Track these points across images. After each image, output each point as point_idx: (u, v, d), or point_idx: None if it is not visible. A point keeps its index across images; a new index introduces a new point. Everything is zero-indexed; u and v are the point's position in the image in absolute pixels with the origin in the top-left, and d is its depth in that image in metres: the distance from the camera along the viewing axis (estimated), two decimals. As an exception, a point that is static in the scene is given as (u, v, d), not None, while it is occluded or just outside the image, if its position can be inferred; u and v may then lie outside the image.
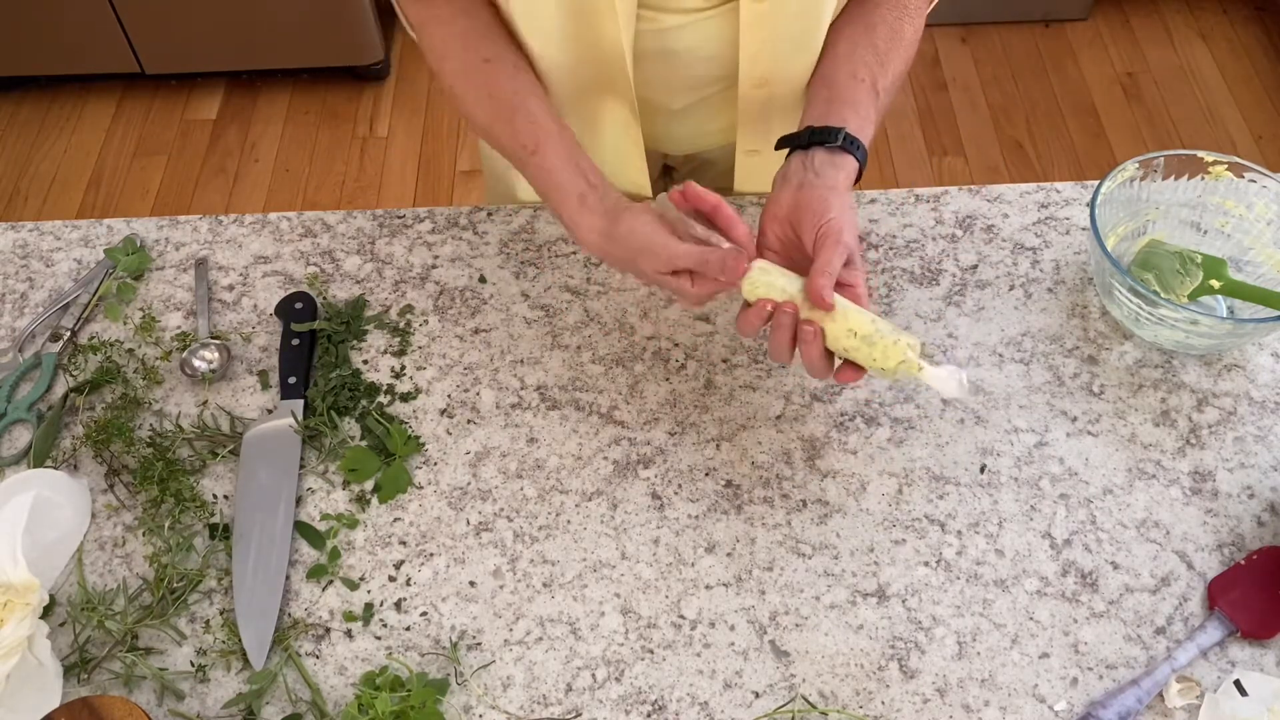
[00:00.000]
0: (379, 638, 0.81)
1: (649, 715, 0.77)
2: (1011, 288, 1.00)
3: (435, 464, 0.90)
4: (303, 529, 0.86)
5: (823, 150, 0.84)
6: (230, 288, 1.02)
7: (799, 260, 0.82)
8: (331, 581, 0.84)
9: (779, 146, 0.87)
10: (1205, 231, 0.99)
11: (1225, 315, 0.96)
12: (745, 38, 0.91)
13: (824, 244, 0.78)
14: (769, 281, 0.79)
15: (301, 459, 0.90)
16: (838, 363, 0.80)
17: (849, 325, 0.77)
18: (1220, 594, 0.81)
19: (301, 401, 0.92)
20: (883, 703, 0.78)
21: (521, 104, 0.88)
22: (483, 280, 1.01)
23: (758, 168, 1.06)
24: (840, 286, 0.79)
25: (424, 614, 0.82)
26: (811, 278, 0.77)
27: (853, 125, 0.85)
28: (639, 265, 0.81)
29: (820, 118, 0.86)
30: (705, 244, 0.80)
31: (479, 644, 0.81)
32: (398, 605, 0.83)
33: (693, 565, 0.84)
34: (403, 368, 0.96)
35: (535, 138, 0.87)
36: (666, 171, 1.22)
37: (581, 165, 0.86)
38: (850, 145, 0.84)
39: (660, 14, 0.91)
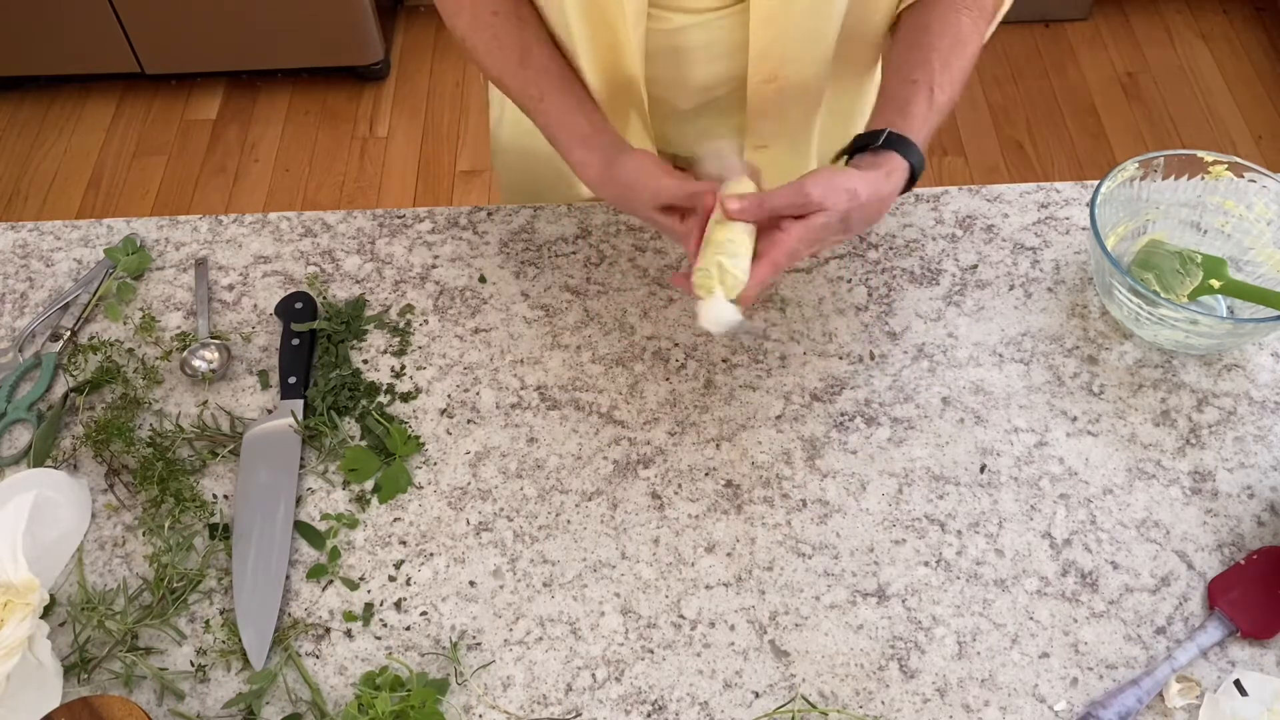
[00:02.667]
0: (379, 638, 0.81)
1: (649, 715, 0.77)
2: (1011, 287, 1.00)
3: (435, 464, 0.90)
4: (303, 529, 0.86)
5: (867, 154, 0.84)
6: (230, 288, 1.02)
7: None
8: (331, 581, 0.84)
9: (834, 160, 0.88)
10: (1205, 231, 0.99)
11: (1225, 315, 0.96)
12: (755, 34, 0.91)
13: (788, 185, 0.79)
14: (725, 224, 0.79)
15: (301, 459, 0.90)
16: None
17: (726, 235, 0.78)
18: (1220, 594, 0.81)
19: (301, 401, 0.92)
20: (883, 703, 0.78)
21: (528, 52, 0.91)
22: (483, 280, 1.01)
23: (767, 163, 1.06)
24: (773, 229, 0.79)
25: (424, 614, 0.82)
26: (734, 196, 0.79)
27: (900, 126, 0.85)
28: (633, 202, 0.84)
29: (869, 126, 0.87)
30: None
31: (479, 644, 0.81)
32: (398, 605, 0.83)
33: (693, 565, 0.84)
34: (403, 368, 0.96)
35: (541, 86, 0.90)
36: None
37: (585, 108, 0.89)
38: (894, 144, 0.84)
39: (670, 13, 0.91)
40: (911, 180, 0.85)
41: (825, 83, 1.00)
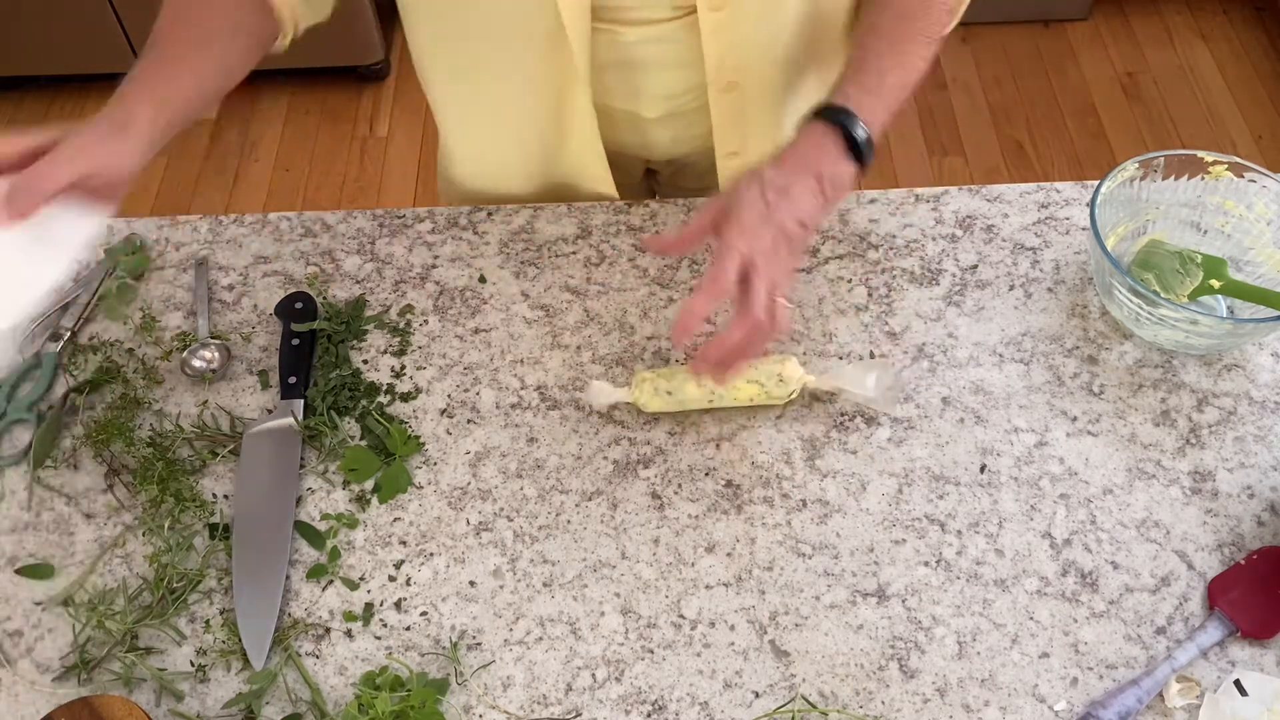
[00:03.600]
0: (379, 638, 0.81)
1: (649, 715, 0.77)
2: (1011, 288, 1.00)
3: (435, 464, 0.90)
4: (303, 529, 0.86)
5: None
6: (230, 288, 1.02)
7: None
8: (331, 581, 0.84)
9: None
10: (1205, 231, 0.99)
11: (1225, 315, 0.96)
12: (708, 45, 0.91)
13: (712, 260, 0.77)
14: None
15: (301, 459, 0.90)
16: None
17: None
18: (1220, 594, 0.81)
19: (301, 401, 0.92)
20: (883, 703, 0.78)
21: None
22: (483, 280, 1.01)
23: (740, 169, 1.06)
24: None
25: (424, 614, 0.82)
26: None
27: (837, 99, 0.83)
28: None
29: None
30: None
31: (479, 644, 0.81)
32: (398, 605, 0.83)
33: (693, 565, 0.84)
34: (403, 368, 0.96)
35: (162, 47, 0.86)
36: (650, 174, 1.22)
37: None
38: (822, 114, 0.82)
39: (618, 27, 0.91)
40: (842, 127, 0.82)
41: (789, 84, 1.01)
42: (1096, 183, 0.95)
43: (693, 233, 0.81)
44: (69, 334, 0.98)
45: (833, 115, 0.82)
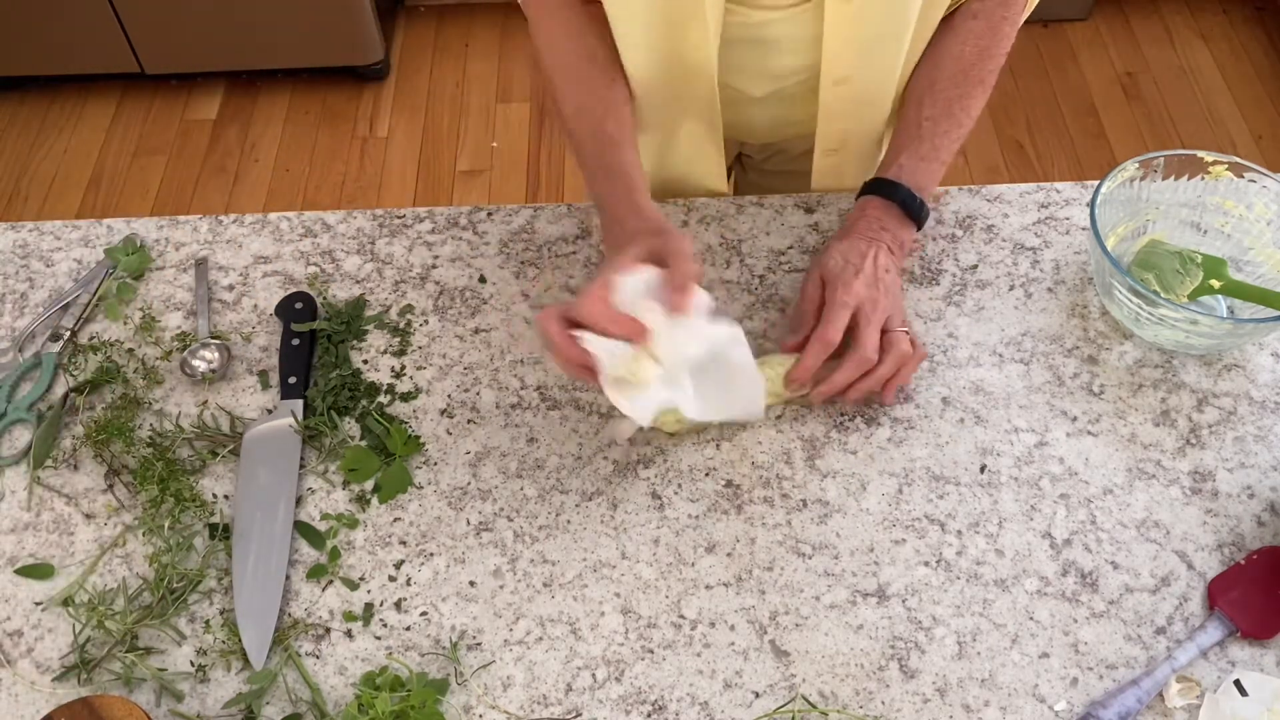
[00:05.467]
0: (379, 638, 0.81)
1: (649, 715, 0.77)
2: (1011, 288, 1.00)
3: (435, 464, 0.90)
4: (303, 529, 0.86)
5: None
6: (230, 288, 1.02)
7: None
8: (331, 581, 0.84)
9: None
10: (1205, 231, 0.99)
11: (1225, 315, 0.96)
12: (829, 35, 0.92)
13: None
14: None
15: (301, 459, 0.90)
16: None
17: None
18: (1220, 594, 0.81)
19: (301, 401, 0.92)
20: (883, 703, 0.78)
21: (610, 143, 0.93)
22: (483, 280, 1.01)
23: (835, 167, 1.07)
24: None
25: (424, 614, 0.82)
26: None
27: (891, 173, 0.95)
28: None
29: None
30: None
31: (479, 644, 0.81)
32: (398, 605, 0.83)
33: (693, 565, 0.84)
34: (403, 368, 0.96)
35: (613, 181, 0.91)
36: (739, 160, 1.22)
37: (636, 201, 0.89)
38: (872, 188, 0.95)
39: (749, 9, 0.92)
40: (897, 201, 0.93)
41: (898, 87, 1.01)
42: (1096, 183, 0.95)
43: (811, 325, 0.90)
44: (69, 334, 0.98)
45: (887, 191, 0.94)
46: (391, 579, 0.84)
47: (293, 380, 0.93)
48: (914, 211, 0.94)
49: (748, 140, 1.13)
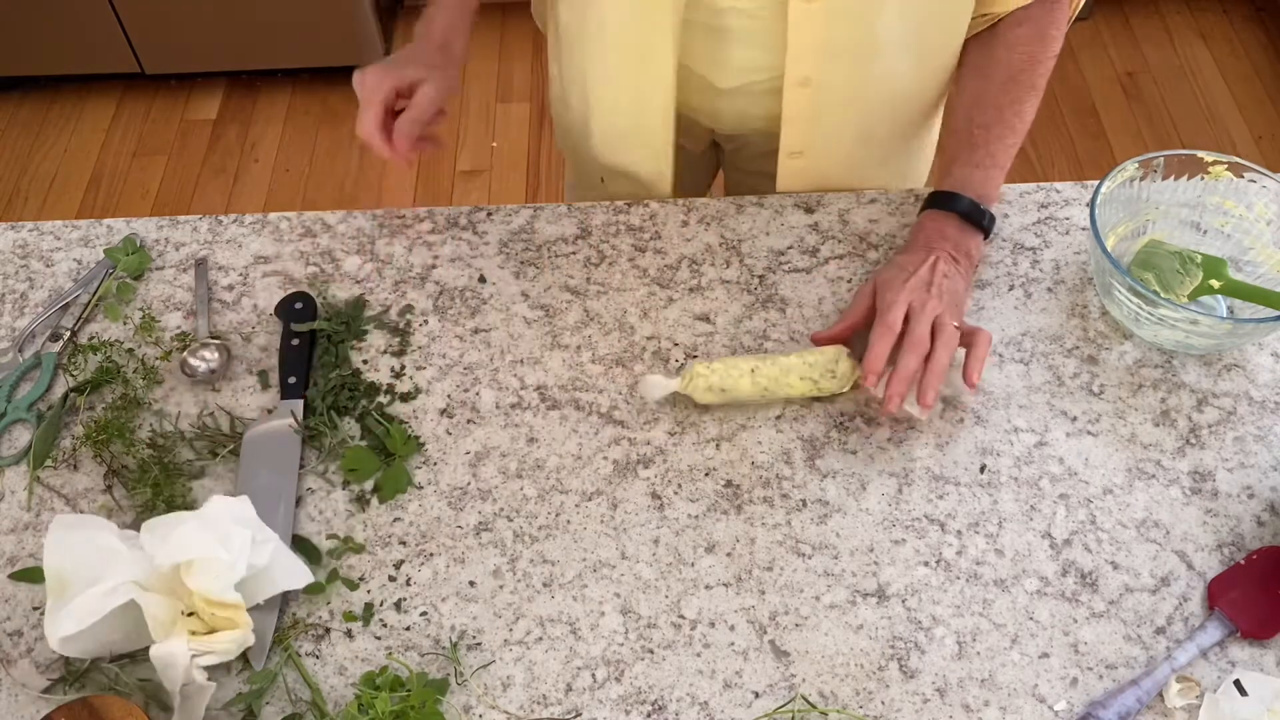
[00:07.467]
0: (379, 638, 0.81)
1: (649, 715, 0.77)
2: (1011, 288, 1.00)
3: (435, 464, 0.90)
4: (301, 545, 0.85)
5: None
6: (230, 288, 1.02)
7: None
8: (331, 581, 0.84)
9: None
10: (1205, 231, 0.99)
11: (1225, 315, 0.96)
12: (792, 35, 0.92)
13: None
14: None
15: (301, 459, 0.90)
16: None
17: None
18: (1220, 594, 0.81)
19: (301, 401, 0.92)
20: (883, 703, 0.78)
21: None
22: (483, 280, 1.01)
23: (800, 171, 1.06)
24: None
25: (424, 614, 0.82)
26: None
27: (946, 185, 0.97)
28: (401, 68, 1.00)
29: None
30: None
31: (479, 644, 0.81)
32: (398, 605, 0.83)
33: (693, 565, 0.84)
34: (403, 368, 0.96)
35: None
36: (715, 146, 1.23)
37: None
38: (934, 202, 0.96)
39: None
40: (951, 207, 0.95)
41: (871, 102, 1.02)
42: (1096, 183, 0.95)
43: (850, 321, 0.93)
44: (69, 334, 0.98)
45: (945, 203, 0.95)
46: (391, 579, 0.84)
47: (292, 380, 0.93)
48: (977, 220, 0.94)
49: (715, 128, 1.14)
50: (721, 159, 1.27)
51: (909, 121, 1.09)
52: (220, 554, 0.74)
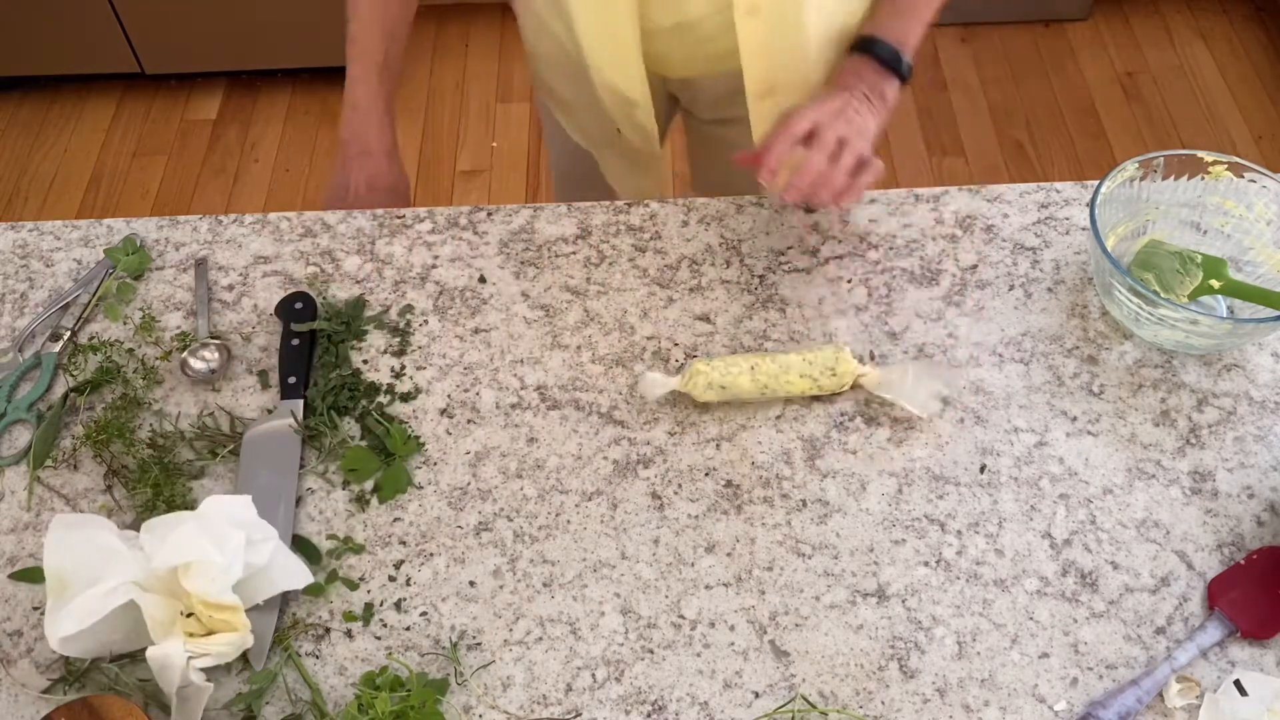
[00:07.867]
0: (379, 638, 0.81)
1: (649, 715, 0.77)
2: (1011, 288, 1.00)
3: (435, 464, 0.90)
4: (301, 544, 0.85)
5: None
6: (230, 288, 1.02)
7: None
8: (331, 581, 0.84)
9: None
10: (1205, 231, 0.99)
11: (1225, 315, 0.96)
12: (744, 49, 0.92)
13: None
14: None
15: (301, 459, 0.90)
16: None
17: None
18: (1220, 594, 0.81)
19: (301, 401, 0.92)
20: (883, 703, 0.78)
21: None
22: (483, 280, 1.01)
23: (774, 113, 1.05)
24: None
25: (424, 614, 0.82)
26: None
27: (866, 29, 0.99)
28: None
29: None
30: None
31: (479, 644, 0.81)
32: (398, 605, 0.83)
33: (693, 565, 0.84)
34: (403, 368, 0.96)
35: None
36: (674, 101, 1.25)
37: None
38: (855, 47, 0.99)
39: None
40: (873, 55, 0.98)
41: (820, 30, 1.03)
42: (1096, 183, 0.95)
43: (774, 144, 0.92)
44: (69, 334, 0.98)
45: (862, 46, 0.98)
46: (391, 579, 0.84)
47: (292, 380, 0.93)
48: (894, 65, 0.96)
49: (667, 75, 1.13)
50: (684, 115, 1.28)
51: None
52: (215, 557, 0.74)
